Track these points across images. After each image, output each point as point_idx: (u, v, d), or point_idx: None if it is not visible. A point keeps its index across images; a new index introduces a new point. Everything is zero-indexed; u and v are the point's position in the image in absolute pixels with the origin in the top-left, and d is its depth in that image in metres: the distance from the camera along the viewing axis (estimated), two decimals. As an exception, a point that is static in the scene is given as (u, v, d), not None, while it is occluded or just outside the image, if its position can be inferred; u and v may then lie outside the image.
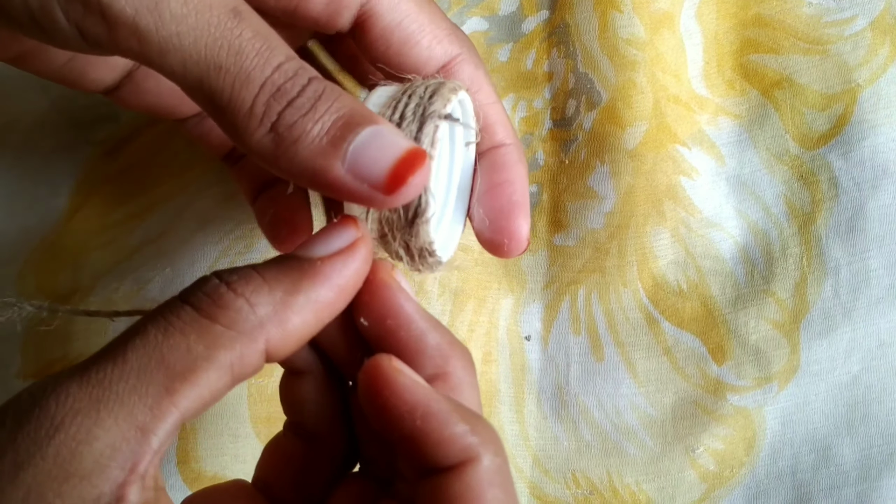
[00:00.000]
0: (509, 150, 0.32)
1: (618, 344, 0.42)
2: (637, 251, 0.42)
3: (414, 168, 0.25)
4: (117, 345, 0.24)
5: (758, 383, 0.41)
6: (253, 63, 0.25)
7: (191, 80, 0.25)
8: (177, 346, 0.24)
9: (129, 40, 0.24)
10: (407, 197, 0.25)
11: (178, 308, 0.25)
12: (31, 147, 0.46)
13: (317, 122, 0.25)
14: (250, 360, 0.25)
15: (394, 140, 0.25)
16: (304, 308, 0.25)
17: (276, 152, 0.25)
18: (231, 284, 0.25)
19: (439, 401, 0.26)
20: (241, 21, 0.25)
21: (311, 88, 0.25)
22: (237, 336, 0.24)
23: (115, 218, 0.45)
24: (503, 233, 0.31)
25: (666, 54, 0.43)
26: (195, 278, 0.42)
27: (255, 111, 0.25)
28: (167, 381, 0.23)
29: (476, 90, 0.32)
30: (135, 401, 0.23)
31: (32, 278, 0.45)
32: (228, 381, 0.25)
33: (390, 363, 0.26)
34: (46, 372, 0.43)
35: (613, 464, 0.42)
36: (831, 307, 0.41)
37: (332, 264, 0.26)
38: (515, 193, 0.32)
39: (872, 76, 0.42)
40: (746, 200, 0.43)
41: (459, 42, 0.32)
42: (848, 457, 0.41)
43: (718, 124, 0.44)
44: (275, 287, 0.25)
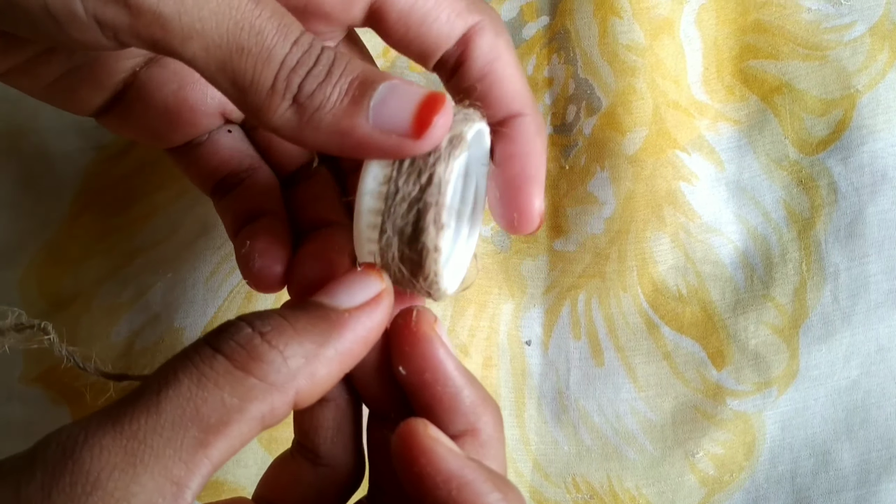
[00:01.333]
0: (526, 120, 0.31)
1: (618, 349, 0.43)
2: (637, 256, 0.43)
3: (436, 109, 0.25)
4: (149, 394, 0.24)
5: (757, 388, 0.41)
6: (273, 41, 0.25)
7: (213, 64, 0.25)
8: (211, 399, 0.24)
9: (150, 27, 0.24)
10: (435, 138, 0.26)
11: (209, 357, 0.24)
12: (34, 153, 0.46)
13: (335, 87, 0.25)
14: (280, 410, 0.25)
15: (410, 89, 0.26)
16: (333, 360, 0.26)
17: (300, 124, 0.26)
18: (265, 335, 0.25)
19: (474, 470, 0.26)
20: (260, 2, 0.25)
21: (324, 56, 0.26)
22: (270, 388, 0.24)
23: (118, 223, 0.45)
24: (513, 206, 0.30)
25: (666, 60, 0.43)
26: (197, 283, 0.43)
27: (276, 87, 0.25)
28: (201, 434, 0.23)
29: (495, 57, 0.31)
30: (170, 454, 0.23)
31: (35, 283, 0.45)
32: (258, 431, 0.25)
33: (426, 431, 0.27)
34: (48, 377, 0.44)
35: (613, 468, 0.42)
36: (831, 312, 0.41)
37: (358, 317, 0.26)
38: (529, 166, 0.30)
39: (871, 82, 0.42)
40: (746, 206, 0.43)
41: (480, 10, 0.31)
42: (847, 461, 0.41)
43: (718, 130, 0.44)
44: (305, 338, 0.25)
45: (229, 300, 0.43)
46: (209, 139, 0.35)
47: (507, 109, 0.31)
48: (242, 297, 0.43)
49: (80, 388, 0.43)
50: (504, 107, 0.31)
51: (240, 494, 0.40)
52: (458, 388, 0.29)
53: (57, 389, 0.43)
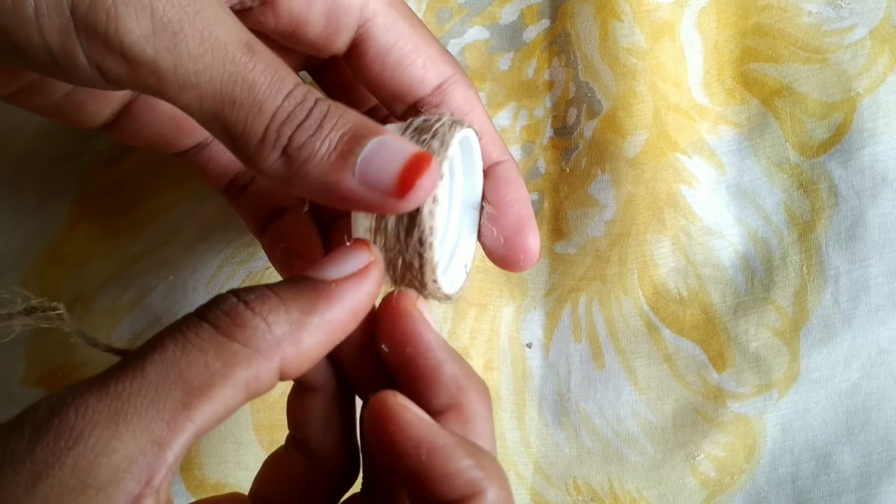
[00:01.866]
0: (509, 166, 0.33)
1: (619, 351, 0.43)
2: (638, 259, 0.43)
3: (421, 171, 0.26)
4: (136, 359, 0.25)
5: (758, 391, 0.41)
6: (265, 94, 0.25)
7: (206, 114, 0.26)
8: (195, 363, 0.24)
9: (148, 79, 0.25)
10: (417, 200, 0.26)
11: (195, 325, 0.25)
12: (33, 155, 0.46)
13: (324, 140, 0.26)
14: (265, 377, 0.25)
15: (399, 146, 0.26)
16: (319, 328, 0.26)
17: (288, 173, 0.26)
18: (249, 303, 0.26)
19: (444, 436, 0.26)
20: (254, 56, 0.26)
21: (317, 109, 0.26)
22: (254, 354, 0.25)
23: (118, 226, 0.45)
24: (518, 249, 0.32)
25: (666, 63, 0.43)
26: (198, 286, 0.43)
27: (267, 138, 0.26)
28: (184, 396, 0.24)
29: (469, 110, 0.32)
30: (152, 415, 0.24)
31: (35, 286, 0.45)
32: (243, 398, 0.25)
33: (395, 399, 0.27)
34: (49, 380, 0.43)
35: (614, 470, 0.42)
36: (831, 315, 0.41)
37: (345, 287, 0.27)
38: (524, 209, 0.32)
39: (872, 85, 0.43)
40: (747, 209, 0.43)
41: (451, 63, 0.33)
42: (848, 464, 0.41)
43: (719, 133, 0.44)
44: (291, 307, 0.26)
45: (230, 303, 0.43)
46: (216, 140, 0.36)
47: (489, 158, 0.33)
48: (243, 299, 0.43)
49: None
50: (485, 156, 0.33)
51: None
52: (440, 361, 0.29)
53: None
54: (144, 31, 0.24)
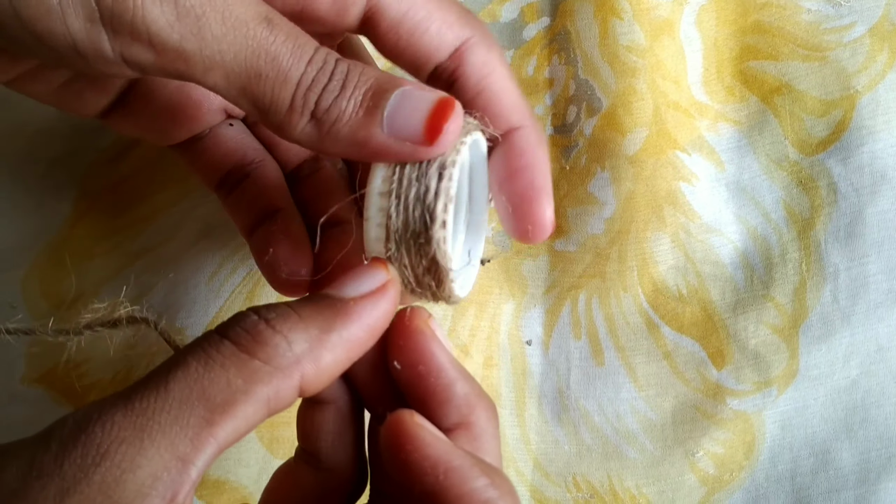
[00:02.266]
0: (527, 132, 0.32)
1: (618, 348, 0.43)
2: (637, 256, 0.43)
3: (447, 115, 0.27)
4: (159, 375, 0.25)
5: (757, 388, 0.41)
6: (288, 64, 0.26)
7: (234, 90, 0.26)
8: (217, 379, 0.25)
9: (175, 63, 0.26)
10: (447, 144, 0.27)
11: (217, 342, 0.25)
12: (35, 154, 0.46)
13: (350, 100, 0.27)
14: (285, 394, 0.25)
15: (421, 95, 0.27)
16: (337, 346, 0.26)
17: (320, 137, 0.27)
18: (269, 321, 0.26)
19: (460, 456, 0.27)
20: (274, 28, 0.26)
21: (338, 70, 0.27)
22: (274, 371, 0.25)
23: (119, 224, 0.45)
24: (526, 219, 0.31)
25: (666, 61, 0.43)
26: (199, 284, 0.43)
27: (294, 106, 0.27)
28: (207, 413, 0.24)
29: (489, 72, 0.31)
30: (176, 431, 0.24)
31: (37, 284, 0.45)
32: (264, 414, 0.25)
33: (412, 419, 0.27)
34: (50, 378, 0.44)
35: (614, 467, 0.42)
36: (830, 312, 0.42)
37: (363, 305, 0.27)
38: (537, 178, 0.31)
39: (871, 82, 0.43)
40: (746, 206, 0.43)
41: (471, 25, 0.32)
42: (847, 460, 0.41)
43: (718, 130, 0.44)
44: (310, 325, 0.26)
45: (231, 300, 0.43)
46: (212, 133, 0.36)
47: (507, 123, 0.32)
48: (244, 297, 0.43)
49: (82, 389, 0.43)
50: (503, 120, 0.32)
51: (241, 493, 0.40)
52: (451, 380, 0.29)
53: (59, 390, 0.43)
54: (169, 19, 0.25)
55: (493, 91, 0.31)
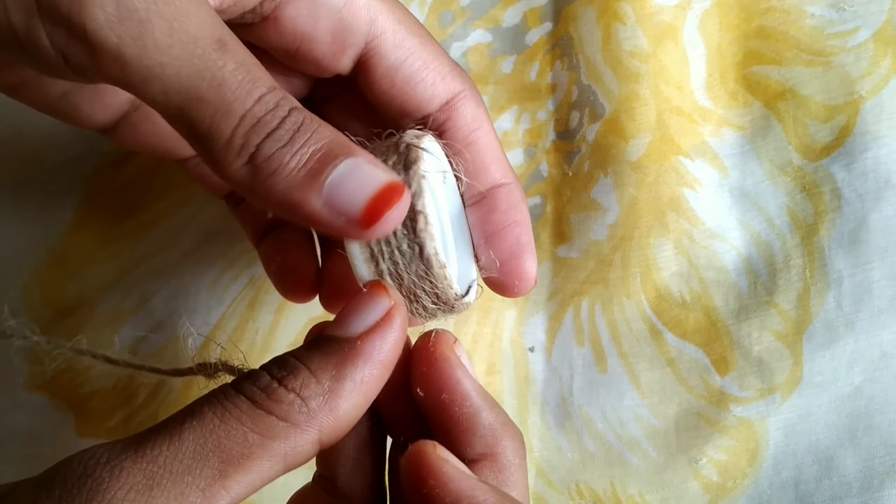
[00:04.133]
0: (511, 189, 0.32)
1: (621, 355, 0.43)
2: (640, 262, 0.43)
3: (391, 202, 0.25)
4: (174, 423, 0.24)
5: (761, 394, 0.41)
6: (234, 95, 0.24)
7: (172, 108, 0.25)
8: (234, 433, 0.24)
9: (111, 68, 0.24)
10: (384, 231, 0.25)
11: (233, 396, 0.25)
12: (37, 159, 0.46)
13: (295, 155, 0.25)
14: (303, 449, 0.25)
15: (372, 173, 0.25)
16: (352, 392, 0.26)
17: (252, 184, 0.25)
18: (282, 380, 0.25)
19: (485, 491, 0.26)
20: (225, 52, 0.24)
21: (290, 120, 0.25)
22: (291, 428, 0.25)
23: (121, 230, 0.45)
24: (514, 274, 0.32)
25: (669, 66, 0.43)
26: (200, 290, 0.43)
27: (233, 142, 0.25)
28: (221, 465, 0.24)
29: (476, 128, 0.32)
30: (188, 481, 0.23)
31: (38, 290, 0.45)
32: (280, 469, 0.25)
33: (435, 451, 0.26)
34: (52, 385, 0.44)
35: (617, 475, 0.42)
36: (834, 318, 0.41)
37: (371, 341, 0.26)
38: (523, 235, 0.32)
39: (875, 88, 0.42)
40: (749, 212, 0.43)
41: (462, 79, 0.32)
42: (851, 467, 0.41)
43: (722, 136, 0.44)
44: (321, 377, 0.26)
45: (233, 307, 0.43)
46: None
47: (492, 179, 0.32)
48: (246, 303, 0.43)
49: (84, 395, 0.43)
50: (489, 176, 0.32)
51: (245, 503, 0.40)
52: (477, 409, 0.29)
53: (61, 397, 0.43)
54: (109, 17, 0.23)
55: (480, 146, 0.32)
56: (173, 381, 0.42)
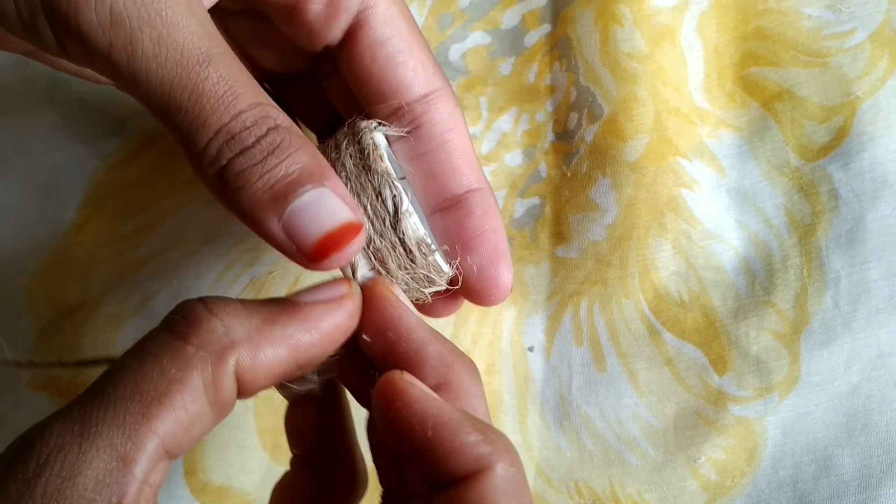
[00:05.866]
0: (486, 194, 0.32)
1: (620, 355, 0.43)
2: (639, 263, 0.43)
3: (342, 244, 0.26)
4: (99, 382, 0.24)
5: (759, 394, 0.42)
6: (211, 109, 0.25)
7: (153, 110, 0.26)
8: (150, 372, 0.24)
9: (102, 66, 0.25)
10: (329, 267, 0.26)
11: (154, 334, 0.25)
12: (39, 161, 0.47)
13: (264, 175, 0.25)
14: (223, 381, 0.25)
15: (334, 208, 0.26)
16: (280, 341, 0.26)
17: (220, 191, 0.26)
18: (208, 304, 0.26)
19: (451, 411, 0.26)
20: (210, 66, 0.25)
21: (267, 140, 0.26)
22: (207, 356, 0.24)
23: (123, 230, 0.45)
24: (491, 281, 0.32)
25: (667, 67, 0.43)
26: (202, 290, 0.43)
27: (207, 152, 0.25)
28: (142, 407, 0.23)
29: (452, 127, 0.32)
30: (114, 430, 0.23)
31: (41, 290, 0.45)
32: (205, 406, 0.25)
33: (401, 376, 0.27)
34: (55, 384, 0.44)
35: (616, 473, 0.42)
36: (832, 318, 0.42)
37: (313, 307, 0.27)
38: (500, 241, 0.32)
39: (872, 88, 0.43)
40: (747, 212, 0.43)
41: (441, 77, 0.32)
42: (848, 466, 0.41)
43: (719, 136, 0.44)
44: (252, 315, 0.26)
45: (234, 307, 0.43)
46: None
47: (466, 182, 0.32)
48: (247, 303, 0.43)
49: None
50: (463, 179, 0.32)
51: (245, 500, 0.40)
52: (422, 342, 0.28)
53: (64, 396, 0.44)
54: (101, 22, 0.24)
55: (455, 146, 0.32)
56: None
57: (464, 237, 0.32)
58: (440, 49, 0.46)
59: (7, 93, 0.47)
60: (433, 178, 0.32)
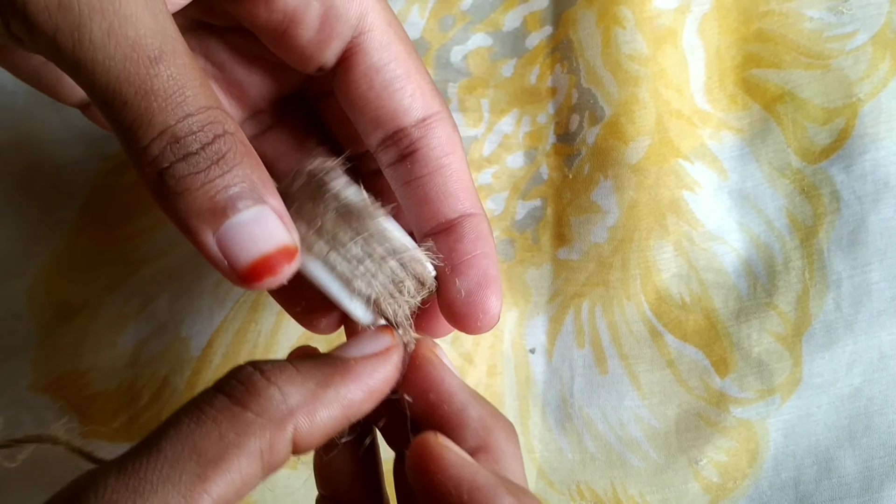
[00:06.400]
0: (480, 220, 0.32)
1: (621, 356, 0.43)
2: (640, 265, 0.43)
3: (274, 270, 0.25)
4: (153, 437, 0.24)
5: (760, 395, 0.42)
6: (158, 108, 0.24)
7: (95, 99, 0.25)
8: (209, 434, 0.24)
9: (45, 49, 0.24)
10: (258, 289, 0.26)
11: (211, 397, 0.25)
12: (40, 163, 0.47)
13: (204, 185, 0.25)
14: (279, 447, 0.25)
15: (272, 230, 0.25)
16: (334, 403, 0.26)
17: (157, 192, 0.25)
18: (265, 372, 0.26)
19: (486, 475, 0.26)
20: (161, 63, 0.24)
21: (212, 148, 0.25)
22: (267, 423, 0.25)
23: (124, 233, 0.45)
24: (479, 307, 0.31)
25: (668, 69, 0.43)
26: (203, 293, 0.43)
27: (148, 151, 0.24)
28: (199, 468, 0.24)
29: (449, 152, 0.31)
30: (169, 489, 0.23)
31: (42, 292, 0.45)
32: (259, 469, 0.25)
33: (436, 439, 0.27)
34: (57, 386, 0.44)
35: (618, 475, 0.42)
36: (833, 320, 0.42)
37: (364, 364, 0.27)
38: (490, 268, 0.32)
39: (873, 90, 0.43)
40: (749, 214, 0.43)
41: (440, 100, 0.32)
42: (850, 468, 0.41)
43: (721, 138, 0.44)
44: (307, 379, 0.26)
45: (235, 309, 0.43)
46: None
47: (461, 208, 0.32)
48: (248, 306, 0.43)
49: (88, 397, 0.43)
50: (458, 204, 0.32)
51: (245, 502, 0.40)
52: (464, 405, 0.29)
53: (66, 398, 0.44)
54: (49, 5, 0.23)
55: (451, 171, 0.31)
56: (176, 382, 0.42)
57: (454, 260, 0.31)
58: (441, 51, 0.46)
59: (8, 95, 0.47)
60: (427, 203, 0.32)
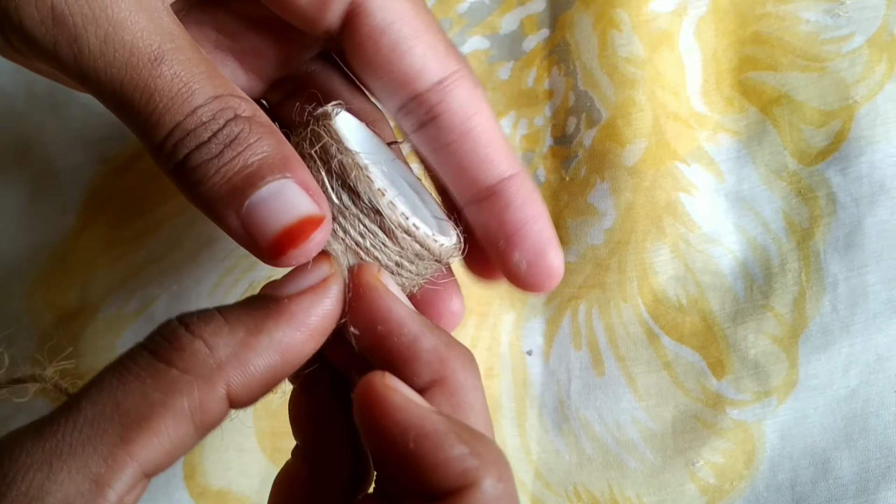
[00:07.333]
0: (521, 179, 0.30)
1: (618, 358, 0.43)
2: (637, 267, 0.43)
3: (303, 237, 0.24)
4: (75, 397, 0.23)
5: (757, 397, 0.42)
6: (165, 108, 0.24)
7: (107, 106, 0.25)
8: (132, 393, 0.23)
9: (50, 62, 0.24)
10: (287, 264, 0.25)
11: (135, 353, 0.24)
12: (41, 166, 0.47)
13: (220, 169, 0.24)
14: (212, 406, 0.23)
15: (295, 200, 0.24)
16: (268, 349, 0.24)
17: (180, 185, 0.25)
18: (189, 326, 0.24)
19: (436, 420, 0.23)
20: (163, 64, 0.24)
21: (224, 132, 0.24)
22: (194, 380, 0.23)
23: (123, 235, 0.46)
24: (543, 273, 0.29)
25: (665, 72, 0.43)
26: (201, 295, 0.44)
27: (163, 148, 0.24)
28: (122, 430, 0.22)
29: (476, 112, 0.29)
30: (89, 452, 0.22)
31: (41, 294, 0.46)
32: (191, 430, 0.23)
33: (382, 380, 0.24)
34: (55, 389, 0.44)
35: (614, 477, 0.42)
36: (830, 322, 0.42)
37: (298, 302, 0.25)
38: (545, 229, 0.30)
39: (870, 93, 0.43)
40: (745, 216, 0.43)
41: (456, 58, 0.29)
42: (846, 470, 0.41)
43: (717, 141, 0.44)
44: (236, 327, 0.24)
45: (233, 311, 0.43)
46: None
47: (498, 172, 0.30)
48: (246, 308, 0.43)
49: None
50: (494, 169, 0.29)
51: (244, 503, 0.40)
52: (415, 336, 0.26)
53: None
54: (44, 19, 0.23)
55: (480, 132, 0.29)
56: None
57: (506, 231, 0.29)
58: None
59: (8, 97, 0.47)
60: (462, 171, 0.30)
